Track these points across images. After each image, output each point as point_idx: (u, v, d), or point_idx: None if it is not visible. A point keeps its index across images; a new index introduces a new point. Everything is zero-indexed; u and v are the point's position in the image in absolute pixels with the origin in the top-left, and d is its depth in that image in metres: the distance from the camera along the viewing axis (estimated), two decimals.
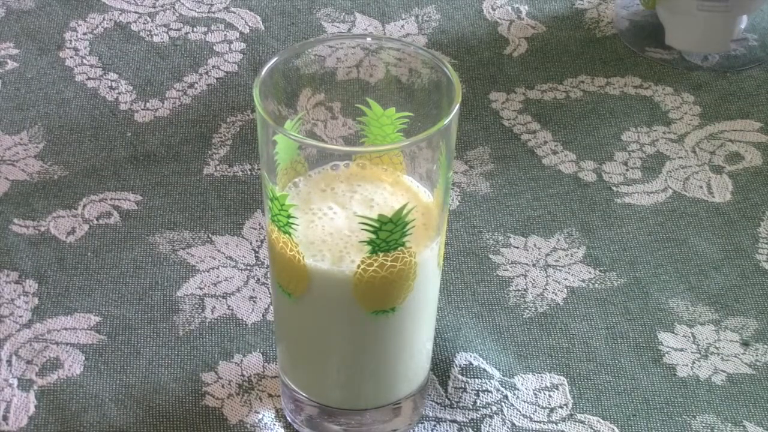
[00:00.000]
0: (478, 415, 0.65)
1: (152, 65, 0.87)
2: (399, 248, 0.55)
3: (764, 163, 0.80)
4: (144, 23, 0.91)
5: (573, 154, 0.81)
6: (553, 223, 0.76)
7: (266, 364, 0.67)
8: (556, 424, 0.64)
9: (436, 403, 0.65)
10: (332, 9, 0.92)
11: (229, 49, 0.89)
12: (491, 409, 0.65)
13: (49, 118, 0.83)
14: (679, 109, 0.84)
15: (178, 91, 0.85)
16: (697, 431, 0.64)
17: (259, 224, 0.75)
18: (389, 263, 0.55)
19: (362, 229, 0.54)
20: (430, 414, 0.65)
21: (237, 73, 0.87)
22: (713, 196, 0.78)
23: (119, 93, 0.85)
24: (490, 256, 0.73)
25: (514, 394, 0.66)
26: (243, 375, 0.66)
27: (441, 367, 0.67)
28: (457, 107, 0.54)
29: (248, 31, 0.91)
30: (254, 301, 0.70)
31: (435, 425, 0.64)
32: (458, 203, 0.77)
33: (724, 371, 0.67)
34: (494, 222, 0.76)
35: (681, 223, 0.76)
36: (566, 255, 0.73)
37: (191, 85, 0.86)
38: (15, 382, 0.66)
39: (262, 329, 0.69)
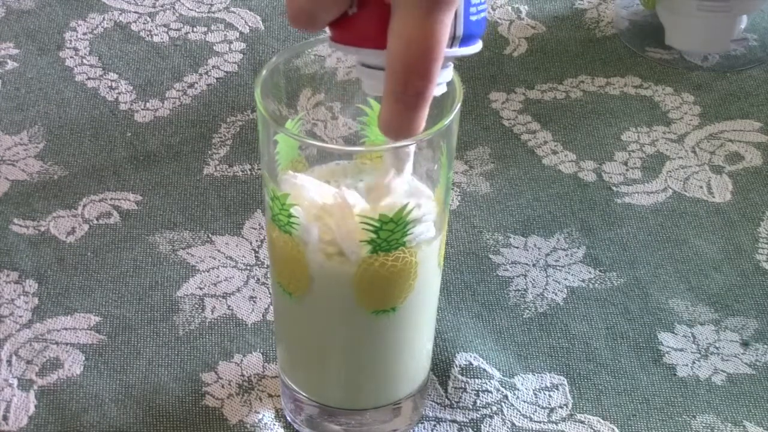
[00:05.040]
0: (478, 415, 0.65)
1: (152, 65, 0.87)
2: (399, 248, 0.55)
3: (764, 163, 0.80)
4: (144, 23, 0.91)
5: (573, 154, 0.81)
6: (553, 223, 0.76)
7: (266, 364, 0.67)
8: (556, 424, 0.64)
9: (436, 403, 0.65)
10: None
11: (229, 49, 0.89)
12: (491, 409, 0.65)
13: (49, 118, 0.83)
14: (679, 109, 0.84)
15: (178, 91, 0.85)
16: (697, 431, 0.64)
17: (259, 224, 0.75)
18: (390, 263, 0.55)
19: (363, 229, 0.54)
20: (430, 414, 0.65)
21: (237, 73, 0.87)
22: (713, 196, 0.78)
23: (119, 93, 0.85)
24: (490, 256, 0.73)
25: (514, 394, 0.66)
26: (243, 375, 0.66)
27: (441, 367, 0.67)
28: (457, 107, 0.54)
29: (248, 31, 0.91)
30: (254, 301, 0.70)
31: (435, 425, 0.64)
32: (458, 203, 0.77)
33: (724, 371, 0.67)
34: (494, 222, 0.76)
35: (681, 223, 0.76)
36: (566, 255, 0.73)
37: (191, 85, 0.86)
38: (15, 382, 0.66)
39: (262, 329, 0.69)
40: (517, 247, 0.74)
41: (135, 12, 0.92)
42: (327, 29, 0.52)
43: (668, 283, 0.72)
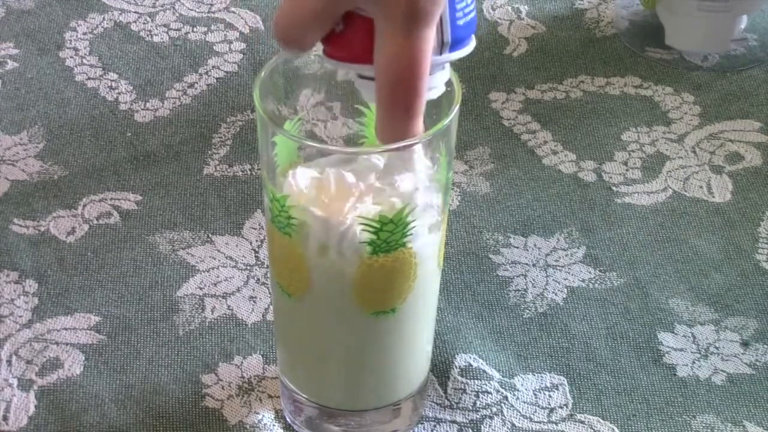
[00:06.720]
0: (477, 416, 0.65)
1: (152, 65, 0.87)
2: (399, 249, 0.55)
3: (764, 163, 0.80)
4: (144, 23, 0.91)
5: (573, 154, 0.81)
6: (553, 223, 0.76)
7: (266, 365, 0.67)
8: (556, 424, 0.64)
9: (436, 403, 0.65)
10: None
11: (229, 49, 0.89)
12: (491, 410, 0.65)
13: (49, 118, 0.83)
14: (679, 109, 0.84)
15: (178, 91, 0.85)
16: (697, 431, 0.64)
17: (259, 224, 0.75)
18: (389, 264, 0.55)
19: (363, 230, 0.54)
20: (430, 415, 0.65)
21: (237, 73, 0.87)
22: (713, 196, 0.78)
23: (119, 93, 0.85)
24: (490, 256, 0.73)
25: (514, 394, 0.66)
26: (243, 376, 0.66)
27: (441, 367, 0.67)
28: (457, 107, 0.54)
29: (248, 31, 0.91)
30: (254, 301, 0.70)
31: (435, 426, 0.64)
32: (458, 203, 0.77)
33: (724, 371, 0.67)
34: (494, 222, 0.76)
35: (681, 223, 0.76)
36: (566, 255, 0.73)
37: (191, 85, 0.86)
38: (15, 382, 0.66)
39: (262, 329, 0.69)
40: (517, 247, 0.74)
41: (135, 12, 0.92)
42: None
43: (668, 283, 0.72)
